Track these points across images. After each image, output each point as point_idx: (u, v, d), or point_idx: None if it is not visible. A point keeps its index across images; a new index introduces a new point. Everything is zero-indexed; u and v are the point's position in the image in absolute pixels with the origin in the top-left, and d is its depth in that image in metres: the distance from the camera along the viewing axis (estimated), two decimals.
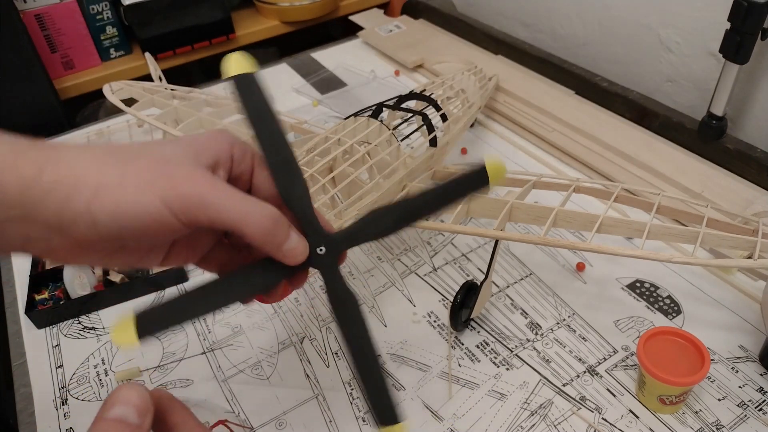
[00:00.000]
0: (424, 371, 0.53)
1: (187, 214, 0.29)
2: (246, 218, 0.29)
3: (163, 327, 0.30)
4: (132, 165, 0.29)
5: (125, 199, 0.28)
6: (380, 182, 0.54)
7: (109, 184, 0.28)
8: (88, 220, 0.28)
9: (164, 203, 0.28)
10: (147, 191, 0.28)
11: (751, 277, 0.59)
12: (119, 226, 0.28)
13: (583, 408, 0.49)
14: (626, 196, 0.55)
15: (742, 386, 0.50)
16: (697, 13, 0.73)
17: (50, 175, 0.28)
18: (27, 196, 0.28)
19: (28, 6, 0.94)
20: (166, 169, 0.29)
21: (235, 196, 0.29)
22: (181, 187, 0.28)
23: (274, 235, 0.30)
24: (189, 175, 0.29)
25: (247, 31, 1.14)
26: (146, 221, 0.28)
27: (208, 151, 0.31)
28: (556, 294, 0.59)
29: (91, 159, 0.29)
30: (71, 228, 0.29)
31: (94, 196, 0.28)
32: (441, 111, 0.64)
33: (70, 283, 0.60)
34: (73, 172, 0.28)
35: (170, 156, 0.30)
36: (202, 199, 0.29)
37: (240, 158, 0.33)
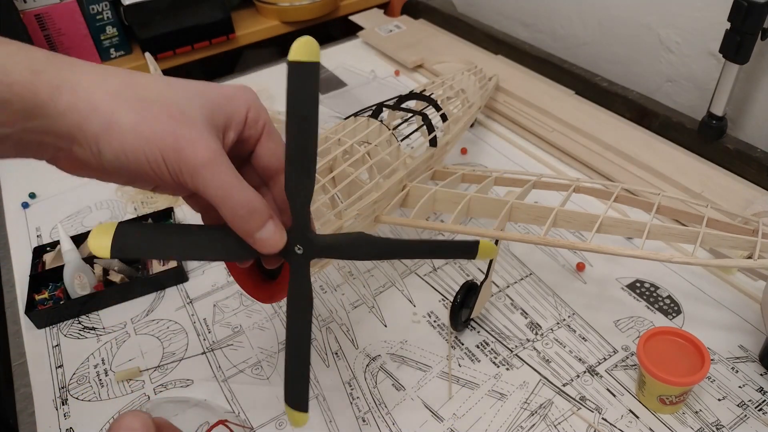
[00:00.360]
0: (424, 371, 0.53)
1: (178, 175, 0.30)
2: (225, 201, 0.31)
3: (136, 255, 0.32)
4: (147, 110, 0.30)
5: (131, 145, 0.29)
6: (380, 182, 0.54)
7: (120, 125, 0.29)
8: (94, 149, 0.30)
9: (163, 159, 0.30)
10: (152, 144, 0.29)
11: (751, 277, 0.59)
12: (120, 164, 0.30)
13: (583, 408, 0.49)
14: (626, 196, 0.54)
15: (742, 386, 0.50)
16: (697, 13, 0.73)
17: (66, 98, 0.29)
18: (43, 112, 0.29)
19: (29, 6, 0.94)
20: (177, 125, 0.30)
21: (225, 175, 0.30)
22: (182, 151, 0.30)
23: (246, 223, 0.31)
24: (195, 139, 0.30)
25: (247, 31, 1.14)
26: (144, 168, 0.30)
27: (224, 110, 0.32)
28: (556, 294, 0.59)
29: (107, 91, 0.30)
30: (80, 148, 0.30)
31: (104, 131, 0.29)
32: (441, 111, 0.64)
33: (70, 283, 0.60)
34: (88, 99, 0.29)
35: (185, 109, 0.31)
36: (196, 170, 0.30)
37: (253, 122, 0.34)
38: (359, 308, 0.59)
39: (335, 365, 0.54)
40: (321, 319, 0.58)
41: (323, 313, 0.59)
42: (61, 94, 0.29)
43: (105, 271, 0.63)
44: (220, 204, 0.31)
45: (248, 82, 1.00)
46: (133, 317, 0.60)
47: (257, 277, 0.43)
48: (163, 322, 0.59)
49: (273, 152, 0.35)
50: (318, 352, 0.55)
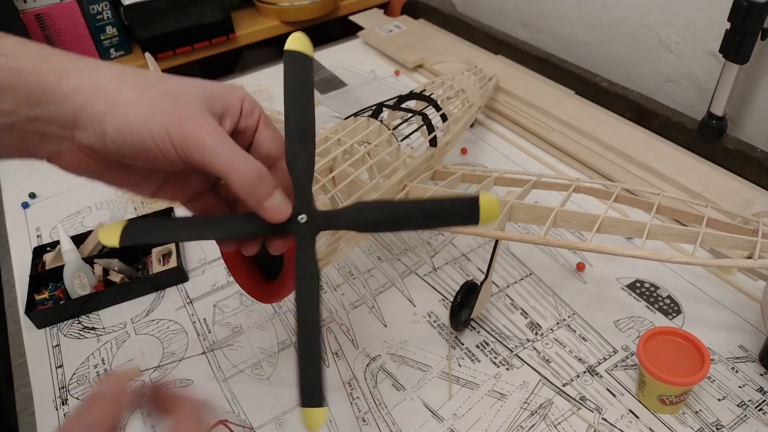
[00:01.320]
0: (424, 371, 0.53)
1: (184, 150, 0.30)
2: (234, 169, 0.31)
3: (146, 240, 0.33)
4: (149, 91, 0.31)
5: (136, 120, 0.30)
6: (380, 182, 0.54)
7: (125, 102, 0.30)
8: (98, 129, 0.30)
9: (168, 134, 0.30)
10: (156, 118, 0.30)
11: (751, 277, 0.59)
12: (123, 141, 0.30)
13: (583, 408, 0.49)
14: (626, 196, 0.54)
15: (742, 386, 0.50)
16: (697, 13, 0.74)
17: (71, 80, 0.30)
18: (49, 97, 0.30)
19: (29, 6, 0.94)
20: (177, 104, 0.31)
21: (230, 146, 0.31)
22: (185, 125, 0.30)
23: (256, 189, 0.31)
24: (196, 116, 0.31)
25: (247, 31, 1.14)
26: (148, 144, 0.30)
27: (219, 99, 0.33)
28: (556, 294, 0.59)
29: (111, 74, 0.31)
30: (82, 132, 0.31)
31: (108, 109, 0.30)
32: (441, 111, 0.64)
33: (70, 283, 0.60)
34: (92, 81, 0.30)
35: (185, 93, 0.32)
36: (201, 141, 0.30)
37: (248, 113, 0.35)
38: (359, 308, 0.59)
39: (335, 365, 0.54)
40: (321, 319, 0.58)
41: (323, 313, 0.59)
42: (66, 77, 0.30)
43: (105, 271, 0.63)
44: (229, 172, 0.31)
45: (248, 81, 1.00)
46: (133, 317, 0.60)
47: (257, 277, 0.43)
48: (163, 322, 0.59)
49: (272, 139, 0.36)
50: None
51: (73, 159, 0.32)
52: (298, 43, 0.34)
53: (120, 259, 0.64)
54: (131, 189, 0.35)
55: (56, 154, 0.32)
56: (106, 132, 0.30)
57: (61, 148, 0.32)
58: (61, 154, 0.32)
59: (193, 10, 1.05)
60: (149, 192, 0.36)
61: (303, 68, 0.34)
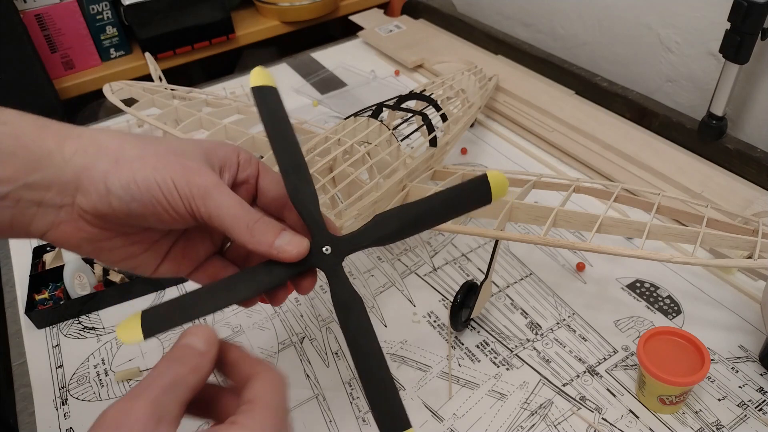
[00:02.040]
0: (424, 371, 0.53)
1: (190, 201, 0.30)
2: (238, 219, 0.31)
3: (169, 326, 0.30)
4: (151, 147, 0.31)
5: (142, 173, 0.30)
6: (380, 182, 0.54)
7: (129, 158, 0.30)
8: (102, 189, 0.30)
9: (174, 184, 0.30)
10: (161, 170, 0.30)
11: (751, 277, 0.59)
12: (130, 196, 0.30)
13: (583, 408, 0.49)
14: (626, 196, 0.54)
15: (742, 386, 0.50)
16: (697, 13, 0.74)
17: (73, 143, 0.30)
18: (48, 162, 0.29)
19: (28, 6, 0.94)
20: (180, 158, 0.31)
21: (233, 198, 0.31)
22: (192, 177, 0.30)
23: (261, 233, 0.31)
24: (200, 169, 0.31)
25: (247, 31, 1.14)
26: (157, 196, 0.30)
27: (216, 154, 0.33)
28: (556, 294, 0.59)
29: (112, 135, 0.31)
30: (84, 195, 0.30)
31: (112, 166, 0.30)
32: (441, 111, 0.64)
33: (70, 284, 0.60)
34: (94, 142, 0.31)
35: (185, 150, 0.32)
36: (208, 193, 0.30)
37: (245, 164, 0.35)
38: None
39: (335, 365, 0.54)
40: (321, 319, 0.58)
41: (323, 313, 0.59)
42: (67, 141, 0.30)
43: (105, 271, 0.63)
44: (233, 223, 0.31)
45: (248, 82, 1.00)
46: None
47: None
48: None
49: (277, 182, 0.35)
50: (318, 352, 0.55)
51: (71, 229, 0.31)
52: (263, 78, 0.35)
53: None
54: (132, 263, 0.34)
55: (53, 225, 0.31)
56: (111, 190, 0.30)
57: (59, 218, 0.31)
58: (58, 225, 0.31)
59: (193, 10, 1.05)
60: (152, 266, 0.35)
61: (274, 101, 0.35)
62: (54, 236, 0.31)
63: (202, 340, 0.28)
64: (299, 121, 0.72)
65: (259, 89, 0.35)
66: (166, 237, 0.35)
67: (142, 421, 0.24)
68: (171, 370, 0.26)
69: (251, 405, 0.27)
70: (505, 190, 0.34)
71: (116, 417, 0.24)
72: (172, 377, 0.26)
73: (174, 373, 0.26)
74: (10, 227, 0.30)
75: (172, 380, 0.26)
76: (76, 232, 0.31)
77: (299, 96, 0.96)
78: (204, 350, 0.28)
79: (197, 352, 0.27)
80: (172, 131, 0.65)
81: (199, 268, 0.36)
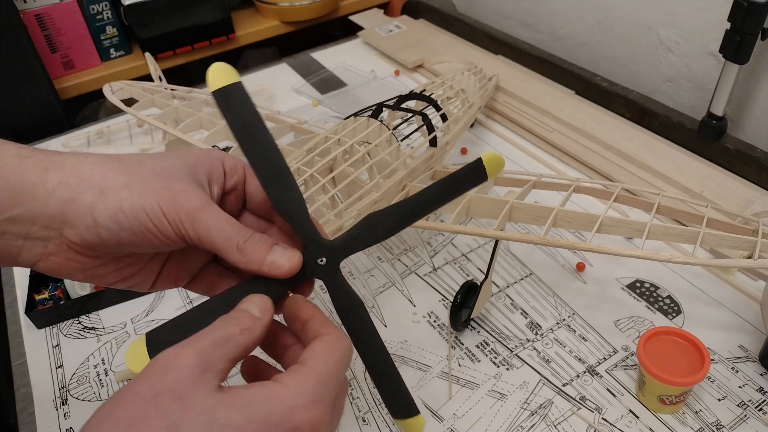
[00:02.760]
0: (424, 371, 0.53)
1: (179, 226, 0.30)
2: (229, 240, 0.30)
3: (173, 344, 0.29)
4: (135, 173, 0.30)
5: (128, 202, 0.29)
6: (380, 182, 0.54)
7: (114, 187, 0.29)
8: (89, 220, 0.29)
9: (163, 211, 0.29)
10: (149, 197, 0.29)
11: (751, 277, 0.59)
12: (119, 227, 0.29)
13: (583, 408, 0.49)
14: (626, 196, 0.55)
15: (742, 386, 0.50)
16: (697, 13, 0.74)
17: (54, 175, 0.29)
18: (31, 195, 0.29)
19: (28, 6, 0.94)
20: (167, 181, 0.30)
21: (223, 217, 0.31)
22: (179, 201, 0.30)
23: (253, 253, 0.30)
24: (187, 191, 0.30)
25: (247, 31, 1.14)
26: (145, 224, 0.29)
27: (202, 167, 0.33)
28: (556, 294, 0.59)
29: (94, 163, 0.30)
30: (71, 228, 0.29)
31: (98, 197, 0.29)
32: (441, 111, 0.64)
33: (70, 283, 0.60)
34: (77, 173, 0.30)
35: (170, 169, 0.31)
36: (196, 215, 0.30)
37: (232, 171, 0.34)
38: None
39: None
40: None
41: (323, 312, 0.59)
42: (49, 173, 0.29)
43: None
44: (224, 244, 0.30)
45: (248, 82, 1.00)
46: (133, 317, 0.60)
47: None
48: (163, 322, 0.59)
49: None
50: None
51: (61, 260, 0.31)
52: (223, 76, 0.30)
53: None
54: (127, 284, 0.34)
55: (42, 257, 0.30)
56: (99, 221, 0.29)
57: (48, 249, 0.30)
58: (47, 257, 0.30)
59: (193, 10, 1.05)
60: (148, 283, 0.34)
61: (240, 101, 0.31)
62: (44, 267, 0.31)
63: (257, 308, 0.29)
64: (299, 121, 0.72)
65: (220, 92, 0.30)
66: (158, 255, 0.34)
67: (189, 366, 0.25)
68: (223, 328, 0.27)
69: (301, 366, 0.28)
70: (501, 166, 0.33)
71: (166, 360, 0.25)
72: (223, 334, 0.27)
73: (225, 331, 0.27)
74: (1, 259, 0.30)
75: (223, 336, 0.27)
76: (67, 263, 0.31)
77: (299, 96, 0.96)
78: (258, 316, 0.29)
79: (251, 316, 0.29)
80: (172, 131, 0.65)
81: (196, 278, 0.36)
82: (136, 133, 0.88)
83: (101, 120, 0.95)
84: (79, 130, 0.91)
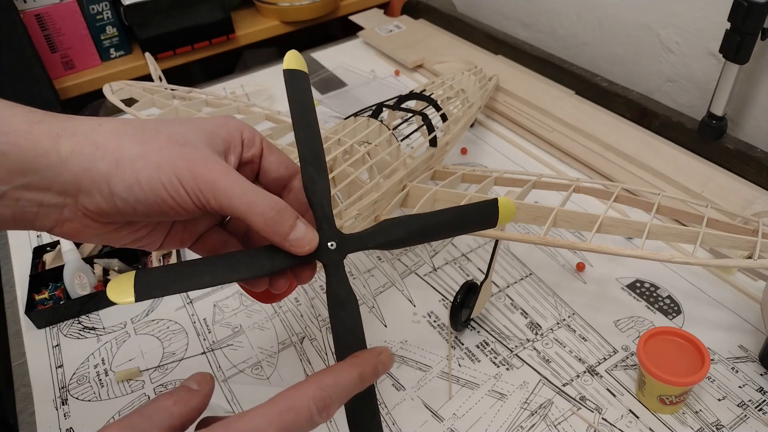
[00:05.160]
0: (424, 371, 0.53)
1: (198, 196, 0.29)
2: (252, 207, 0.30)
3: (163, 292, 0.29)
4: (151, 142, 0.30)
5: (145, 174, 0.29)
6: (380, 182, 0.54)
7: (130, 157, 0.29)
8: (105, 190, 0.29)
9: (180, 182, 0.29)
10: (165, 169, 0.29)
11: (751, 277, 0.59)
12: (135, 199, 0.29)
13: (583, 408, 0.49)
14: (626, 196, 0.54)
15: (742, 386, 0.50)
16: (697, 13, 0.74)
17: (68, 143, 0.28)
18: (44, 162, 0.28)
19: (28, 6, 0.94)
20: (183, 150, 0.30)
21: (244, 185, 0.30)
22: (197, 170, 0.29)
23: (278, 224, 0.30)
24: (205, 158, 0.30)
25: (247, 31, 1.14)
26: (163, 196, 0.29)
27: (220, 136, 0.32)
28: (556, 294, 0.59)
29: (110, 131, 0.30)
30: (87, 197, 0.29)
31: (113, 167, 0.29)
32: (441, 111, 0.64)
33: (70, 283, 0.60)
34: (92, 140, 0.29)
35: (187, 137, 0.31)
36: (216, 184, 0.29)
37: (249, 143, 0.34)
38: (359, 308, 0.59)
39: None
40: (321, 319, 0.58)
41: (323, 313, 0.59)
42: (62, 140, 0.28)
43: (105, 271, 0.63)
44: (247, 211, 0.30)
45: (248, 82, 1.00)
46: (133, 317, 0.60)
47: None
48: (163, 322, 0.59)
49: (279, 162, 0.35)
50: (318, 352, 0.55)
51: (77, 226, 0.30)
52: (295, 62, 0.34)
53: (120, 259, 0.64)
54: (138, 244, 0.34)
55: (58, 223, 0.30)
56: (115, 192, 0.29)
57: (63, 216, 0.30)
58: (63, 223, 0.30)
59: (193, 10, 1.05)
60: (157, 244, 0.34)
61: (304, 86, 0.34)
62: (60, 232, 0.31)
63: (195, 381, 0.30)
64: None
65: (291, 72, 0.34)
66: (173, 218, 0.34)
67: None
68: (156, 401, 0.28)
69: None
70: (512, 216, 0.36)
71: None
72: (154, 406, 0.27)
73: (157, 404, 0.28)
74: (14, 223, 0.30)
75: (153, 408, 0.27)
76: (83, 228, 0.31)
77: None
78: (195, 388, 0.29)
79: (187, 388, 0.29)
80: None
81: (200, 239, 0.36)
82: None
83: None
84: None
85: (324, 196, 0.32)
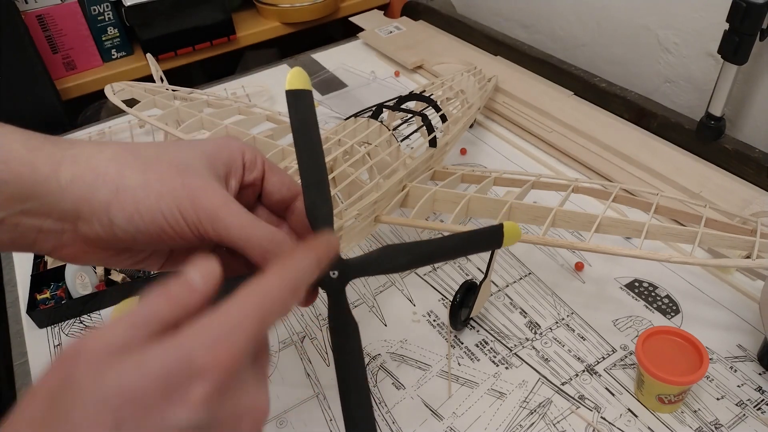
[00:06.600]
0: (423, 370, 0.53)
1: (198, 227, 0.29)
2: (250, 241, 0.29)
3: None
4: (152, 170, 0.29)
5: (145, 204, 0.28)
6: (380, 182, 0.54)
7: (131, 187, 0.29)
8: (105, 220, 0.29)
9: (180, 213, 0.29)
10: (165, 199, 0.29)
11: (749, 276, 0.60)
12: (135, 229, 0.29)
13: (582, 407, 0.49)
14: (625, 196, 0.55)
15: (741, 385, 0.50)
16: (695, 13, 0.74)
17: (68, 170, 0.28)
18: (43, 189, 0.28)
19: (30, 7, 0.94)
20: (185, 178, 0.29)
21: (243, 216, 0.29)
22: (197, 199, 0.29)
23: (276, 257, 0.30)
24: (205, 187, 0.29)
25: (247, 32, 1.14)
26: (162, 227, 0.29)
27: (221, 159, 0.32)
28: (555, 293, 0.59)
29: (110, 157, 0.29)
30: (86, 224, 0.29)
31: (113, 197, 0.28)
32: (441, 112, 0.64)
33: (72, 283, 0.60)
34: (92, 167, 0.29)
35: (188, 162, 0.30)
36: (215, 214, 0.29)
37: (251, 165, 0.33)
38: (359, 308, 0.59)
39: None
40: (321, 319, 0.59)
41: (324, 312, 0.59)
42: (62, 167, 0.28)
43: (107, 271, 0.63)
44: (245, 243, 0.29)
45: (249, 83, 1.00)
46: None
47: None
48: None
49: (282, 183, 0.34)
50: (318, 351, 0.55)
51: (76, 250, 0.30)
52: (298, 81, 0.33)
53: None
54: (138, 266, 0.34)
55: (57, 248, 0.30)
56: (114, 221, 0.28)
57: (62, 241, 0.30)
58: (62, 247, 0.30)
59: (194, 11, 1.05)
60: (157, 266, 0.34)
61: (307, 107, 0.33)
62: (59, 255, 0.31)
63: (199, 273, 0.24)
64: None
65: (294, 93, 0.33)
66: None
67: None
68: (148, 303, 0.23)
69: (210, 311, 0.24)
70: (518, 239, 0.35)
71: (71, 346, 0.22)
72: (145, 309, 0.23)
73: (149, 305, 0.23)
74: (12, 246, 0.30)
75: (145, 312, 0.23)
76: (82, 254, 0.31)
77: None
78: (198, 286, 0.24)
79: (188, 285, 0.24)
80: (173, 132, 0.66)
81: None
82: (138, 133, 0.89)
83: (103, 120, 0.95)
84: (80, 130, 0.92)
85: (326, 223, 0.32)
